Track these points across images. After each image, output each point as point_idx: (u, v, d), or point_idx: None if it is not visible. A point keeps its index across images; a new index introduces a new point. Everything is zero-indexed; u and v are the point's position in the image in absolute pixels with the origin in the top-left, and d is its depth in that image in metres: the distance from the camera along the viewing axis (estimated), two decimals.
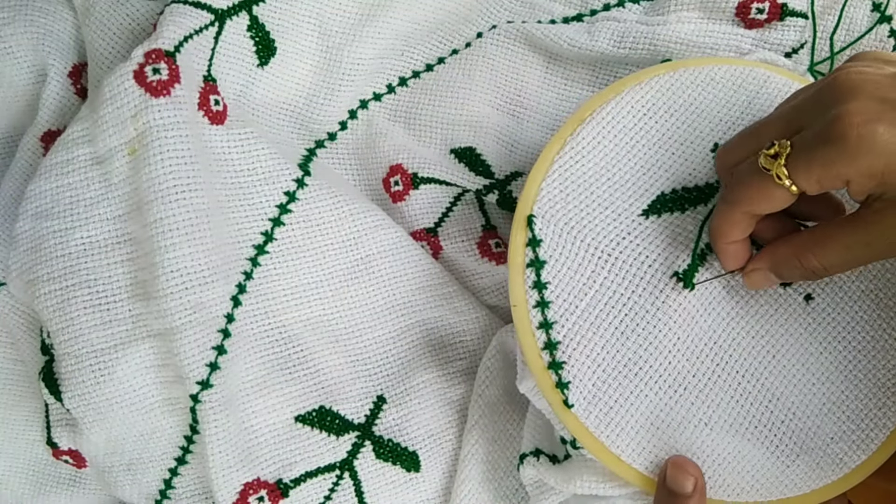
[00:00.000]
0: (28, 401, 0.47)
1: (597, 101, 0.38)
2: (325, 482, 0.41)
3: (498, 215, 0.47)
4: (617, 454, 0.33)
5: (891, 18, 0.44)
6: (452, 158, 0.47)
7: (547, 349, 0.34)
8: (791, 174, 0.28)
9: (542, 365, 0.34)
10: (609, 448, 0.33)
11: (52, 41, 0.45)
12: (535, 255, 0.35)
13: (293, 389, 0.41)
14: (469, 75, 0.47)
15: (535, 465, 0.38)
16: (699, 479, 0.32)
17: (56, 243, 0.38)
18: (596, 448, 0.33)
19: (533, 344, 0.34)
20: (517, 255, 0.35)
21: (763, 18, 0.43)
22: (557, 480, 0.36)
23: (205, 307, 0.38)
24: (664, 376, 0.34)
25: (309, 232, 0.43)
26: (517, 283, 0.35)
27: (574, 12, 0.48)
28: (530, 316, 0.34)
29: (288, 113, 0.46)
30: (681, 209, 0.36)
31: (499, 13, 0.49)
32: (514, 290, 0.35)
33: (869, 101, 0.26)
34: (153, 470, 0.41)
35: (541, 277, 0.34)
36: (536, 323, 0.34)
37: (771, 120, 0.31)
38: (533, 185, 0.36)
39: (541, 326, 0.34)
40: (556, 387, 0.33)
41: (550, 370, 0.34)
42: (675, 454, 0.33)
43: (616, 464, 0.34)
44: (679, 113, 0.37)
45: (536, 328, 0.34)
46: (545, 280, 0.34)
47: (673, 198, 0.36)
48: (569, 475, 0.36)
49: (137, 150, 0.38)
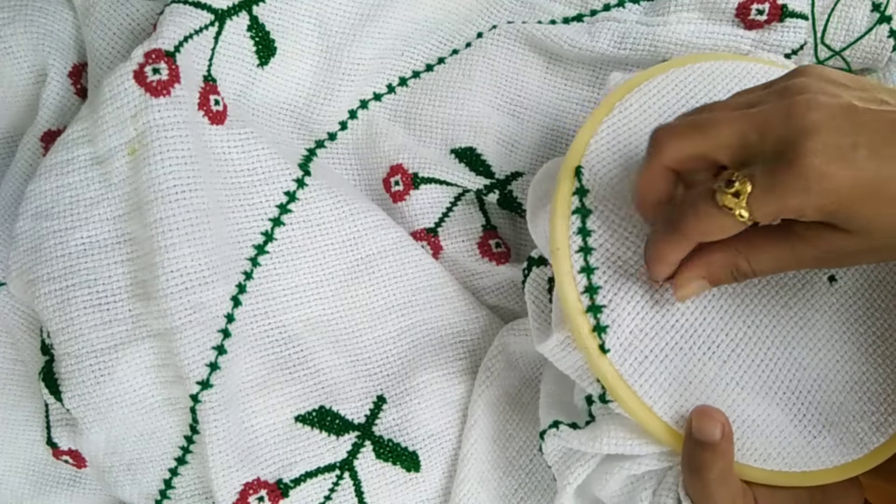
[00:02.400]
0: (28, 401, 0.47)
1: (644, 76, 0.39)
2: (325, 482, 0.41)
3: (498, 215, 0.47)
4: (649, 405, 0.33)
5: (891, 18, 0.44)
6: (453, 158, 0.47)
7: (587, 293, 0.34)
8: (750, 210, 0.28)
9: (581, 308, 0.34)
10: (642, 398, 0.33)
11: (52, 41, 0.45)
12: (581, 204, 0.35)
13: (293, 389, 0.41)
14: (469, 75, 0.47)
15: (556, 434, 0.38)
16: (726, 426, 0.32)
17: (56, 243, 0.38)
18: (628, 397, 0.33)
19: (573, 286, 0.34)
20: (562, 203, 0.35)
21: (763, 19, 0.43)
22: (583, 441, 0.36)
23: (205, 307, 0.38)
24: (699, 332, 0.34)
25: (309, 232, 0.43)
26: (560, 228, 0.35)
27: (574, 12, 0.48)
28: (572, 260, 0.35)
29: (288, 113, 0.46)
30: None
31: (499, 13, 0.49)
32: (556, 235, 0.35)
33: (829, 138, 0.27)
34: (153, 470, 0.41)
35: (586, 224, 0.35)
36: (578, 267, 0.34)
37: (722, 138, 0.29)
38: (581, 142, 0.37)
39: (582, 271, 0.34)
40: (594, 331, 0.33)
41: (589, 313, 0.34)
42: (703, 405, 0.33)
43: (647, 415, 0.33)
44: (716, 94, 0.38)
45: (578, 272, 0.34)
46: (590, 228, 0.35)
47: None
48: (594, 434, 0.35)
49: (137, 150, 0.38)
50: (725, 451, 0.32)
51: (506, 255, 0.46)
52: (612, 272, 0.34)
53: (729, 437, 0.32)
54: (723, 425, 0.32)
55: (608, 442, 0.35)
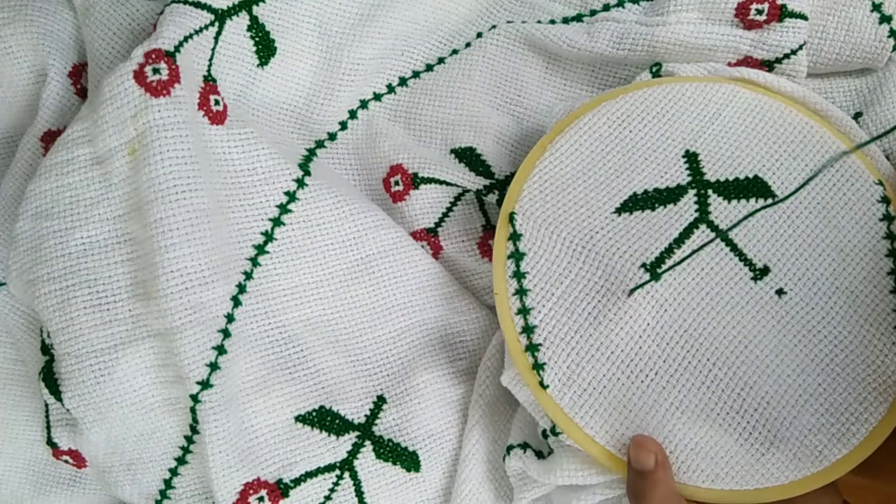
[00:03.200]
0: (28, 401, 0.47)
1: (575, 113, 0.41)
2: (325, 482, 0.41)
3: (498, 215, 0.47)
4: (591, 436, 0.35)
5: (891, 18, 0.44)
6: (452, 158, 0.47)
7: (524, 333, 0.36)
8: None
9: (521, 348, 0.36)
10: (583, 429, 0.35)
11: (52, 41, 0.45)
12: (515, 248, 0.38)
13: (293, 389, 0.41)
14: (469, 75, 0.47)
15: (521, 457, 0.40)
16: (659, 454, 0.33)
17: (56, 243, 0.38)
18: (570, 429, 0.35)
19: (512, 328, 0.37)
20: (500, 249, 0.38)
21: (762, 19, 0.43)
22: (539, 473, 0.38)
23: (205, 307, 0.38)
24: (635, 360, 0.36)
25: (309, 232, 0.43)
26: (499, 273, 0.38)
27: (574, 12, 0.48)
28: (510, 303, 0.37)
29: (288, 113, 0.46)
30: (651, 207, 0.38)
31: (499, 13, 0.49)
32: (496, 280, 0.38)
33: None
34: (153, 470, 0.41)
35: (520, 268, 0.38)
36: (515, 309, 0.37)
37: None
38: (516, 186, 0.40)
39: (519, 312, 0.37)
40: (533, 368, 0.36)
41: (528, 352, 0.36)
42: (639, 434, 0.35)
43: (591, 445, 0.35)
44: (651, 122, 0.41)
45: (515, 314, 0.37)
46: (524, 270, 0.37)
47: (644, 197, 0.39)
48: (549, 467, 0.37)
49: (137, 150, 0.38)
50: (661, 478, 0.33)
51: None
52: (546, 310, 0.37)
53: (663, 465, 0.33)
54: (656, 454, 0.33)
55: (561, 474, 0.37)
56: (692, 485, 0.34)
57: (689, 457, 0.34)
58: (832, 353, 0.36)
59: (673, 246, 0.37)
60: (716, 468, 0.34)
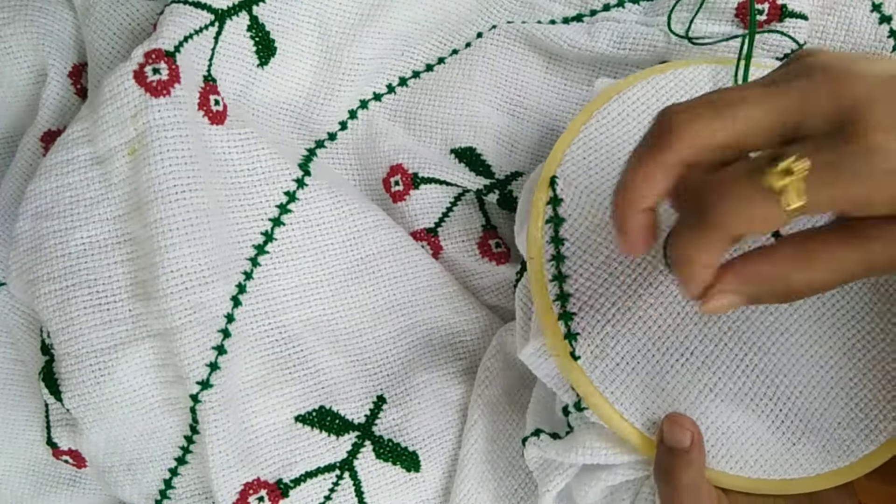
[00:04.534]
0: (28, 401, 0.47)
1: (623, 83, 0.39)
2: (325, 482, 0.41)
3: (498, 215, 0.47)
4: (620, 412, 0.33)
5: (891, 18, 0.44)
6: (452, 158, 0.47)
7: (559, 300, 0.34)
8: (806, 193, 0.22)
9: (553, 316, 0.34)
10: (613, 405, 0.33)
11: (52, 41, 0.45)
12: (554, 213, 0.36)
13: (293, 389, 0.41)
14: (469, 75, 0.47)
15: (536, 443, 0.38)
16: (695, 433, 0.32)
17: (56, 243, 0.38)
18: (599, 404, 0.33)
19: (545, 295, 0.35)
20: (537, 212, 0.36)
21: (763, 19, 0.43)
22: (559, 452, 0.36)
23: (205, 307, 0.38)
24: (672, 339, 0.34)
25: (309, 232, 0.43)
26: (535, 237, 0.36)
27: (574, 12, 0.48)
28: (545, 269, 0.35)
29: (288, 113, 0.46)
30: None
31: (499, 13, 0.49)
32: (531, 244, 0.36)
33: (892, 108, 0.22)
34: (153, 470, 0.41)
35: (559, 233, 0.36)
36: (550, 275, 0.35)
37: (755, 119, 0.24)
38: (559, 151, 0.37)
39: (554, 279, 0.35)
40: (565, 338, 0.34)
41: (561, 321, 0.34)
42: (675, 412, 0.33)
43: (618, 422, 0.33)
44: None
45: (550, 280, 0.35)
46: (563, 236, 0.36)
47: None
48: (570, 445, 0.36)
49: (137, 150, 0.38)
50: (695, 458, 0.31)
51: (506, 255, 0.46)
52: (583, 280, 0.35)
53: (698, 445, 0.32)
54: (692, 433, 0.32)
55: (583, 452, 0.35)
56: (720, 470, 0.33)
57: (719, 441, 0.33)
58: (864, 347, 0.35)
59: None
60: (745, 455, 0.33)
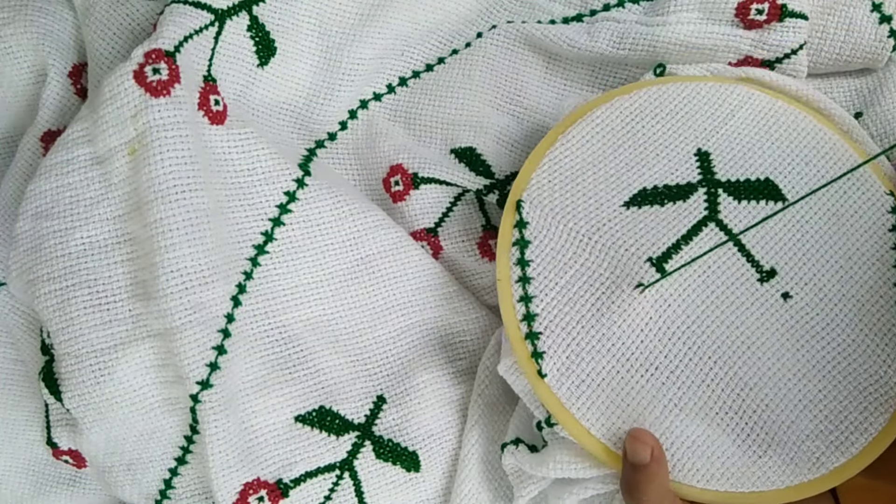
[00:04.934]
0: (28, 401, 0.47)
1: (588, 106, 0.41)
2: (325, 482, 0.41)
3: (498, 215, 0.47)
4: (587, 427, 0.35)
5: (891, 18, 0.44)
6: (452, 158, 0.47)
7: (525, 320, 0.36)
8: None
9: (520, 335, 0.36)
10: (580, 421, 0.35)
11: (52, 41, 0.45)
12: (520, 236, 0.38)
13: (293, 389, 0.41)
14: (469, 75, 0.47)
15: (513, 453, 0.40)
16: (656, 448, 0.33)
17: (56, 243, 0.38)
18: (567, 420, 0.35)
19: (513, 315, 0.37)
20: (506, 236, 0.38)
21: (762, 19, 0.43)
22: (532, 466, 0.38)
23: (205, 307, 0.38)
24: (636, 354, 0.35)
25: (309, 232, 0.43)
26: (503, 260, 0.38)
27: (574, 12, 0.48)
28: (512, 290, 0.37)
29: (288, 113, 0.46)
30: (660, 203, 0.38)
31: (499, 13, 0.49)
32: (500, 267, 0.38)
33: None
34: (153, 470, 0.41)
35: (524, 255, 0.37)
36: (517, 296, 0.37)
37: None
38: (525, 175, 0.40)
39: (521, 300, 0.37)
40: (532, 356, 0.36)
41: (527, 340, 0.36)
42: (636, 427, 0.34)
43: (586, 437, 0.35)
44: (664, 119, 0.40)
45: (517, 301, 0.37)
46: (528, 258, 0.37)
47: (654, 192, 0.39)
48: (542, 459, 0.37)
49: (137, 150, 0.38)
50: (656, 473, 0.32)
51: None
52: (549, 299, 0.36)
53: (659, 460, 0.33)
54: (652, 448, 0.33)
55: (554, 466, 0.36)
56: (687, 483, 0.34)
57: (685, 455, 0.34)
58: (835, 360, 0.36)
59: (681, 242, 0.37)
60: (711, 468, 0.34)
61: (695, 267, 0.37)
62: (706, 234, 0.37)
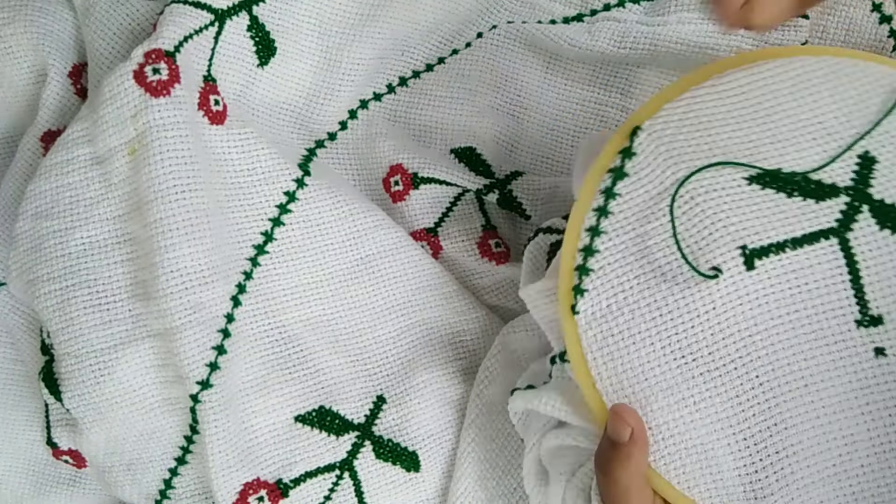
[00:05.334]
0: (28, 401, 0.47)
1: (750, 56, 0.36)
2: (325, 482, 0.41)
3: (498, 215, 0.47)
4: (594, 379, 0.32)
5: (891, 18, 0.44)
6: (452, 158, 0.47)
7: (584, 252, 0.33)
8: None
9: (572, 265, 0.33)
10: (590, 370, 0.32)
11: (52, 41, 0.45)
12: (621, 164, 0.33)
13: (293, 389, 0.41)
14: (469, 75, 0.47)
15: (521, 395, 0.37)
16: (638, 430, 0.30)
17: (56, 243, 0.38)
18: (578, 364, 0.32)
19: (575, 242, 0.33)
20: (606, 157, 0.34)
21: None
22: (527, 398, 0.35)
23: (205, 307, 0.38)
24: (679, 336, 0.31)
25: (309, 232, 0.43)
26: (591, 181, 0.33)
27: (574, 12, 0.48)
28: (585, 217, 0.33)
29: (288, 113, 0.46)
30: (788, 193, 0.32)
31: (499, 13, 0.49)
32: (585, 186, 0.33)
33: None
34: (153, 470, 0.41)
35: (614, 187, 0.33)
36: (588, 224, 0.33)
37: None
38: (655, 103, 0.34)
39: (589, 231, 0.33)
40: (573, 290, 0.32)
41: (577, 272, 0.32)
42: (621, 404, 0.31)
43: (588, 387, 0.32)
44: (830, 99, 0.34)
45: (585, 230, 0.33)
46: (617, 191, 0.33)
47: (788, 178, 0.33)
48: (538, 393, 0.35)
49: (137, 150, 0.38)
50: (630, 455, 0.30)
51: (505, 254, 0.46)
52: (616, 242, 0.32)
53: (639, 444, 0.30)
54: (633, 429, 0.30)
55: (546, 402, 0.34)
56: (669, 480, 0.31)
57: (680, 453, 0.31)
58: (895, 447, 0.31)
59: (787, 244, 0.32)
60: (700, 480, 0.31)
61: (791, 277, 0.32)
62: (823, 248, 0.32)
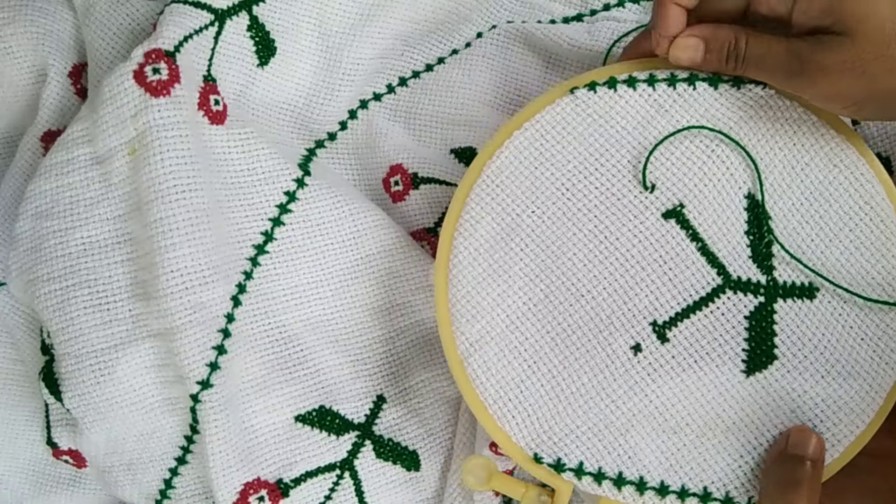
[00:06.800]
0: (28, 401, 0.47)
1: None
2: (325, 482, 0.41)
3: None
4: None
5: None
6: (452, 158, 0.47)
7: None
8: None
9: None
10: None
11: (52, 41, 0.45)
12: None
13: (293, 389, 0.41)
14: (469, 75, 0.47)
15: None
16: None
17: (56, 243, 0.38)
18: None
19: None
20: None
21: None
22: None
23: (205, 307, 0.38)
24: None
25: (309, 232, 0.43)
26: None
27: (574, 12, 0.48)
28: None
29: (288, 113, 0.46)
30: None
31: (499, 13, 0.49)
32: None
33: None
34: (153, 470, 0.41)
35: None
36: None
37: None
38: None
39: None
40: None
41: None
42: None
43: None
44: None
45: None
46: None
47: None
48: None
49: (137, 150, 0.38)
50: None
51: None
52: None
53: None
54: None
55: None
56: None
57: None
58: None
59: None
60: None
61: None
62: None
